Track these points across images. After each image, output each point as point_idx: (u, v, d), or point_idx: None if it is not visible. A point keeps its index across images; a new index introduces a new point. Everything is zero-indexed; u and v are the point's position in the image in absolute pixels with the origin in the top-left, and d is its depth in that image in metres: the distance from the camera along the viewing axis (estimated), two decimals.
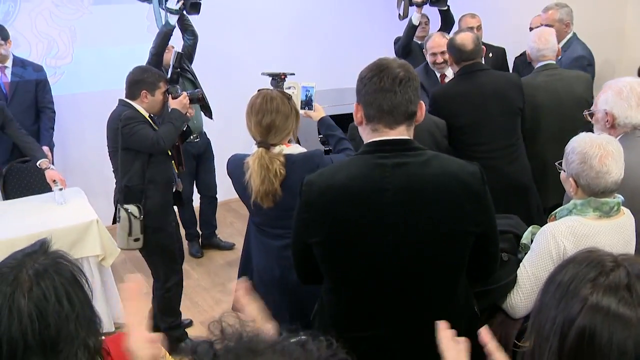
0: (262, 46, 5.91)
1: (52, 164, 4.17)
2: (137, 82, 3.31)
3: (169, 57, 4.60)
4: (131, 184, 3.31)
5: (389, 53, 4.77)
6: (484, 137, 3.16)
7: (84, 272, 1.41)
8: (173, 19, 4.30)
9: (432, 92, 3.47)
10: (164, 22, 4.27)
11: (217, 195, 5.08)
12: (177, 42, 4.76)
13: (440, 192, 1.63)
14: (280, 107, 2.38)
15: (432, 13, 4.97)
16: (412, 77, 1.67)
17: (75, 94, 5.37)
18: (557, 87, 3.37)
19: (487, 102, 3.17)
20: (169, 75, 3.60)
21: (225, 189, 5.96)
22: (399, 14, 4.81)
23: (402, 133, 1.67)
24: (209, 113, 4.78)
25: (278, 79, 4.52)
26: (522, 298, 2.03)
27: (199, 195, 5.07)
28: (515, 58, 4.76)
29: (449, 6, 4.64)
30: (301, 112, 2.78)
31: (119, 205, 3.33)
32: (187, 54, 4.72)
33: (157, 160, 3.35)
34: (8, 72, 4.62)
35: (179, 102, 3.36)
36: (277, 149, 2.37)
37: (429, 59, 4.21)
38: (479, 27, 4.49)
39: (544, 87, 3.36)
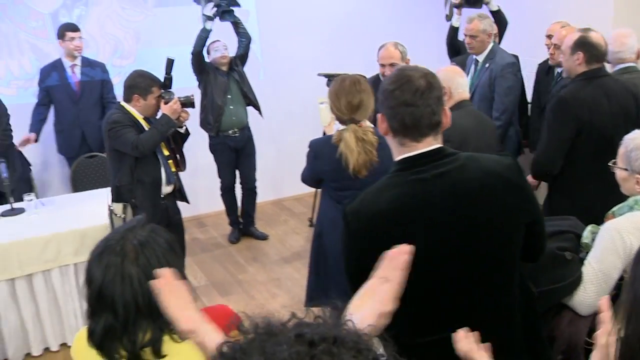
0: (313, 47, 6.02)
1: None
2: (131, 87, 3.53)
3: (218, 59, 4.84)
4: (120, 184, 3.52)
5: (441, 53, 4.82)
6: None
7: (175, 243, 1.54)
8: (209, 24, 4.70)
9: (558, 94, 3.25)
10: (202, 27, 4.69)
11: (256, 189, 5.32)
12: (231, 43, 4.95)
13: (485, 193, 1.64)
14: (366, 88, 2.78)
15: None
16: (433, 86, 1.63)
17: None
18: None
19: (615, 109, 2.98)
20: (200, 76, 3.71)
21: (277, 188, 6.15)
22: (446, 15, 4.86)
23: (430, 144, 1.65)
24: (259, 110, 5.10)
25: (334, 80, 4.69)
26: (590, 295, 2.06)
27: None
28: (539, 65, 4.65)
29: (499, 7, 4.64)
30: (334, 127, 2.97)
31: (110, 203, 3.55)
32: (241, 55, 4.98)
33: (144, 161, 3.54)
34: (78, 71, 4.88)
35: (169, 107, 3.53)
36: (363, 123, 2.76)
37: (378, 69, 4.08)
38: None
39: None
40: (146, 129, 3.53)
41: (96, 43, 5.36)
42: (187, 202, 3.93)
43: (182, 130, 3.73)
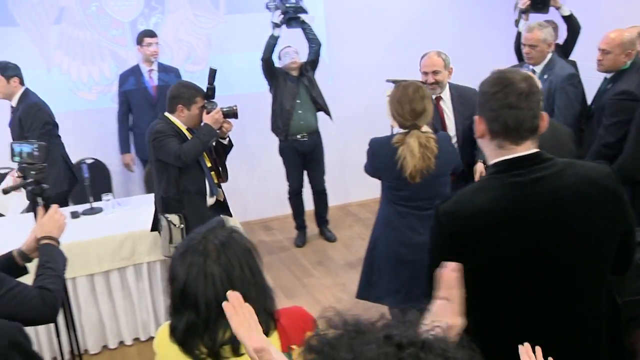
0: (379, 52, 6.03)
1: None
2: (175, 97, 3.52)
3: (289, 64, 4.91)
4: (167, 195, 3.51)
5: (510, 59, 4.71)
6: None
7: (253, 244, 1.59)
8: (277, 31, 4.82)
9: None
10: (271, 34, 4.82)
11: (326, 191, 5.41)
12: (302, 49, 5.01)
13: (583, 200, 1.62)
14: (427, 94, 2.90)
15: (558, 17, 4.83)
16: (535, 90, 1.63)
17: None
18: None
19: None
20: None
21: (343, 193, 6.16)
22: (515, 20, 4.76)
23: (529, 147, 1.65)
24: (328, 114, 5.17)
25: (395, 86, 4.69)
26: None
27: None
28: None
29: (572, 12, 4.49)
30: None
31: (160, 214, 3.55)
32: (311, 61, 5.06)
33: (189, 171, 3.51)
34: (155, 76, 5.07)
35: (211, 117, 3.51)
36: (425, 129, 2.85)
37: (421, 77, 3.88)
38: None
39: None
40: (189, 139, 3.53)
41: (170, 49, 5.54)
42: (230, 215, 3.82)
43: (225, 142, 3.71)
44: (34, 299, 1.95)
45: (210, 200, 3.65)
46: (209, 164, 3.64)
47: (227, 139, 3.71)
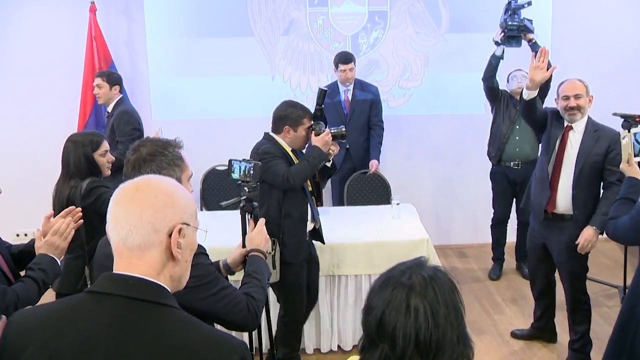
0: (603, 78, 5.47)
1: None
2: (281, 118, 3.34)
3: (515, 89, 4.65)
4: (268, 219, 3.19)
5: None
6: None
7: (458, 286, 1.46)
8: (498, 50, 4.60)
9: None
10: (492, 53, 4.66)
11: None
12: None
13: None
14: None
15: None
16: None
17: (422, 115, 5.74)
18: None
19: None
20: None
21: None
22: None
23: None
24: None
25: (632, 120, 4.19)
26: None
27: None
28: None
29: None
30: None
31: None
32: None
33: (293, 195, 3.34)
34: (349, 93, 5.12)
35: (321, 139, 3.31)
36: None
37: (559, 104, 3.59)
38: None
39: None
40: (295, 161, 3.37)
41: (387, 64, 5.62)
42: (323, 242, 3.64)
43: (328, 164, 3.53)
44: (240, 303, 1.97)
45: (309, 226, 3.51)
46: (310, 188, 3.50)
47: (332, 161, 3.54)
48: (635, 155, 2.87)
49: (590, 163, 3.47)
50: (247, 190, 2.58)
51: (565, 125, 3.58)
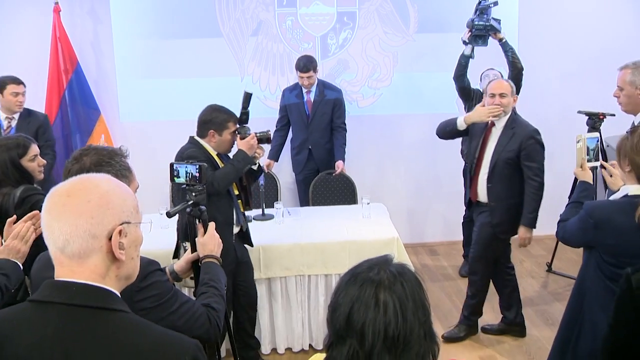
0: (569, 78, 5.63)
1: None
2: (206, 122, 3.36)
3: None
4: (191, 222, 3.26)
5: None
6: None
7: (424, 282, 1.45)
8: (467, 49, 4.60)
9: None
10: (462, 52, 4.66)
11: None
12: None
13: None
14: None
15: None
16: None
17: (393, 114, 5.76)
18: None
19: None
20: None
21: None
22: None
23: None
24: None
25: (596, 118, 4.26)
26: None
27: None
28: None
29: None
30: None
31: (180, 241, 3.34)
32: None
33: (218, 199, 3.27)
34: (313, 92, 5.10)
35: (246, 143, 3.34)
36: None
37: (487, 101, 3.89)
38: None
39: None
40: (220, 165, 3.37)
41: (356, 64, 5.63)
42: (251, 245, 3.63)
43: (254, 167, 3.54)
44: (201, 317, 1.92)
45: (235, 229, 3.48)
46: (236, 192, 3.48)
47: (257, 164, 3.55)
48: (589, 161, 2.87)
49: (503, 159, 3.74)
50: (193, 194, 2.47)
51: (488, 123, 3.84)
